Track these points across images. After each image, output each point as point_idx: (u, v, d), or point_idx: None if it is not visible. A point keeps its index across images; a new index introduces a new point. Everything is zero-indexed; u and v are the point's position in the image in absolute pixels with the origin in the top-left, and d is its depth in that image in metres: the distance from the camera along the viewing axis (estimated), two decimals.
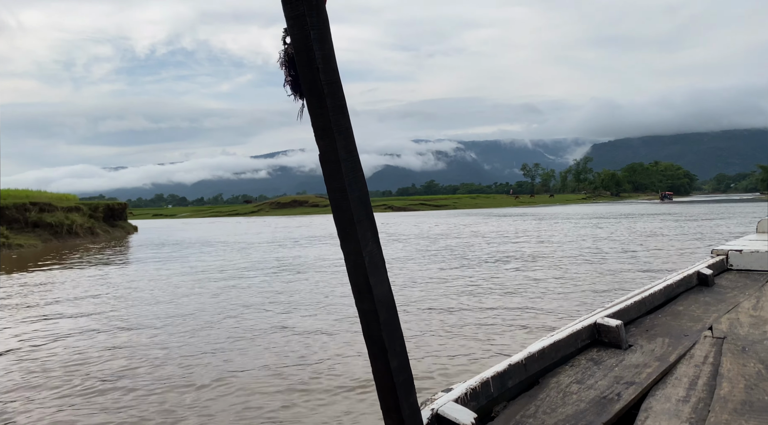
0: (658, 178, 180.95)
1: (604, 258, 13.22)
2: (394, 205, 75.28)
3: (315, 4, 1.02)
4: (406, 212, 62.90)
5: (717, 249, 4.20)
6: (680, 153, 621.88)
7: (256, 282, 11.21)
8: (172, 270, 13.88)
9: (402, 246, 18.92)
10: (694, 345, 2.19)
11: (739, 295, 3.17)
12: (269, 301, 8.93)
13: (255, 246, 21.73)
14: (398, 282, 10.37)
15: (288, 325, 7.14)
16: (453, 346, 5.72)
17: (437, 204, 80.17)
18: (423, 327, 6.64)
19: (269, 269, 13.44)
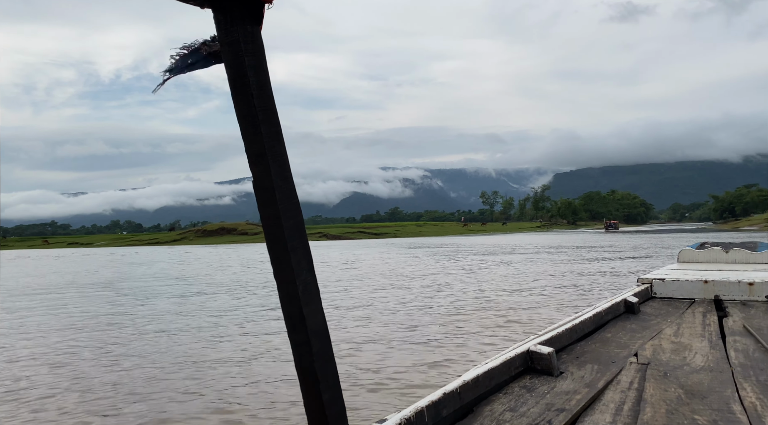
0: (614, 207, 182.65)
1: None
2: (330, 232, 70.46)
3: (250, 31, 1.00)
4: (339, 241, 59.14)
5: (642, 277, 4.33)
6: (638, 183, 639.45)
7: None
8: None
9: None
10: (621, 371, 2.24)
11: (662, 322, 3.28)
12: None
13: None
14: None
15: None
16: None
17: (377, 232, 75.84)
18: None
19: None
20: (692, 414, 1.72)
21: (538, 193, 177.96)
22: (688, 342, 2.77)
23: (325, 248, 39.37)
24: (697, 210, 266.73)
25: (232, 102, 0.97)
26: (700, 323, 3.26)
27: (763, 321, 3.28)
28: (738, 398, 1.87)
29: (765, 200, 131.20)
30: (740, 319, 3.33)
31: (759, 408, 1.76)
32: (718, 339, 2.82)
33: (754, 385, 2.01)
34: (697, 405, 1.82)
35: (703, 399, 1.88)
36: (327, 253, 32.05)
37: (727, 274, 4.41)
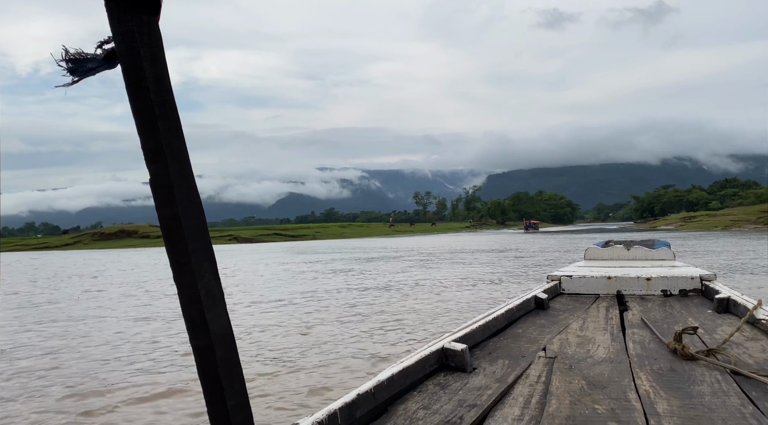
0: (542, 207, 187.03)
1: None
2: (241, 235, 65.11)
3: (146, 21, 0.95)
4: (250, 244, 55.14)
5: (551, 274, 4.50)
6: (566, 184, 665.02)
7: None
8: None
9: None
10: (530, 365, 2.32)
11: (569, 317, 3.40)
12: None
13: None
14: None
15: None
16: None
17: (295, 235, 70.35)
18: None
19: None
20: (593, 404, 1.80)
21: (470, 193, 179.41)
22: (592, 335, 2.89)
23: (222, 254, 35.62)
24: (619, 210, 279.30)
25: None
26: (603, 317, 3.41)
27: (658, 313, 3.48)
28: (634, 387, 1.97)
29: (680, 200, 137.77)
30: (638, 313, 3.50)
31: (652, 395, 1.87)
32: (618, 332, 2.95)
33: (648, 374, 2.14)
34: (597, 395, 1.90)
35: (603, 389, 1.96)
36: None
37: (628, 271, 4.60)
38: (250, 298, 11.25)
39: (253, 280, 15.46)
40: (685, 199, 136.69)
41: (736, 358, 2.23)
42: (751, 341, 2.59)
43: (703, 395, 1.86)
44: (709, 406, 1.74)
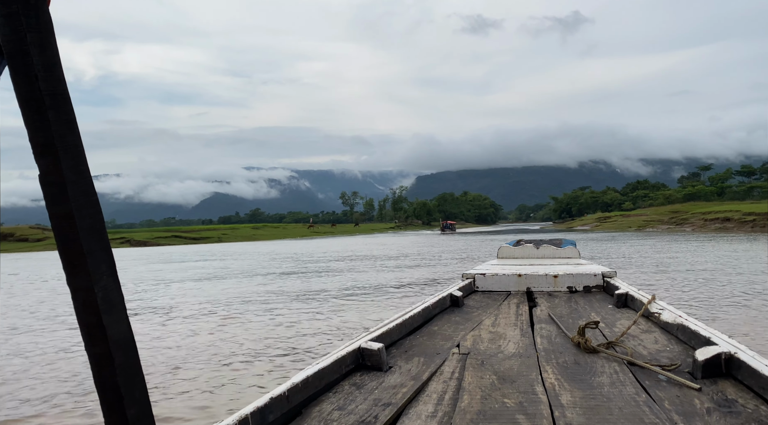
0: (467, 208, 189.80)
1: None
2: (134, 238, 59.06)
3: (33, 4, 0.90)
4: (144, 248, 49.95)
5: (466, 273, 4.56)
6: (490, 185, 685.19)
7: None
8: None
9: None
10: (444, 362, 2.35)
11: (482, 314, 3.49)
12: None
13: None
14: None
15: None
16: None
17: (197, 237, 63.89)
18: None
19: None
20: (503, 398, 1.85)
21: (396, 194, 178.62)
22: (503, 331, 2.97)
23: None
24: (540, 210, 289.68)
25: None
26: (514, 313, 3.51)
27: (564, 309, 3.61)
28: (541, 380, 2.05)
29: (596, 201, 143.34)
30: (546, 308, 3.63)
31: (557, 387, 1.95)
32: (528, 328, 3.05)
33: (554, 367, 2.22)
34: (507, 389, 1.96)
35: (512, 383, 2.03)
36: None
37: (537, 268, 4.75)
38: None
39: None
40: (601, 200, 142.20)
41: (632, 350, 2.38)
42: (645, 333, 2.77)
43: (602, 385, 1.95)
44: (607, 396, 1.83)
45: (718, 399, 1.74)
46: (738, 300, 8.49)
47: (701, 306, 8.03)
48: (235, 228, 79.51)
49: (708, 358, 1.96)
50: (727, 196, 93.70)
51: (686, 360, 2.21)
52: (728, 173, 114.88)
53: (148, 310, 9.73)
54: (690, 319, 2.62)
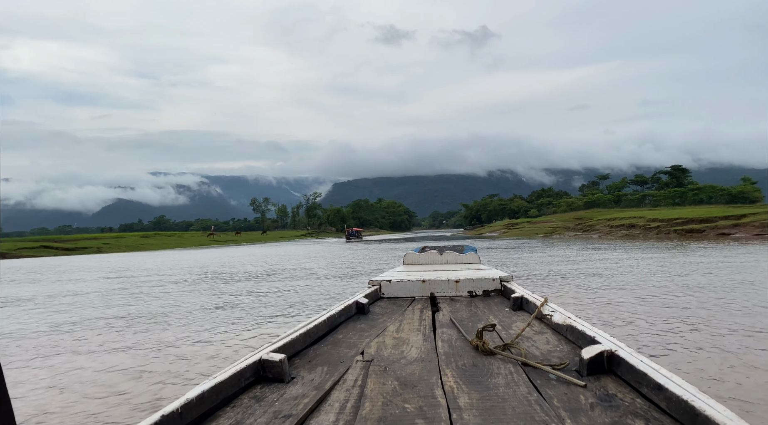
0: (381, 214, 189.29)
1: None
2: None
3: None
4: (5, 260, 43.25)
5: (372, 280, 4.57)
6: (405, 193, 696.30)
7: None
8: None
9: None
10: (348, 370, 2.34)
11: (387, 320, 3.48)
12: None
13: None
14: None
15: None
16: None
17: (72, 247, 56.02)
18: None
19: None
20: (403, 404, 1.87)
21: (310, 200, 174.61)
22: (406, 336, 2.98)
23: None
24: (452, 217, 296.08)
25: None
26: (417, 319, 3.53)
27: (465, 313, 3.69)
28: (441, 384, 2.08)
29: (504, 208, 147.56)
30: (448, 313, 3.68)
31: (455, 390, 2.00)
32: (430, 333, 3.07)
33: (453, 371, 2.26)
34: (408, 394, 1.98)
35: (413, 388, 2.05)
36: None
37: (440, 274, 4.86)
38: None
39: None
40: (508, 207, 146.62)
41: (526, 351, 2.50)
42: (538, 334, 2.87)
43: (498, 386, 2.02)
44: (502, 396, 1.90)
45: (601, 395, 1.85)
46: (629, 303, 8.91)
47: (600, 310, 8.33)
48: (121, 236, 70.13)
49: (592, 356, 2.06)
50: (623, 204, 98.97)
51: (574, 359, 2.31)
52: (624, 182, 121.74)
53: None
54: (578, 320, 2.74)
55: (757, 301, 8.66)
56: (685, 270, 14.11)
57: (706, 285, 10.83)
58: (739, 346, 5.65)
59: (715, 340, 5.94)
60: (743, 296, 9.29)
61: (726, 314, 7.55)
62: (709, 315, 7.53)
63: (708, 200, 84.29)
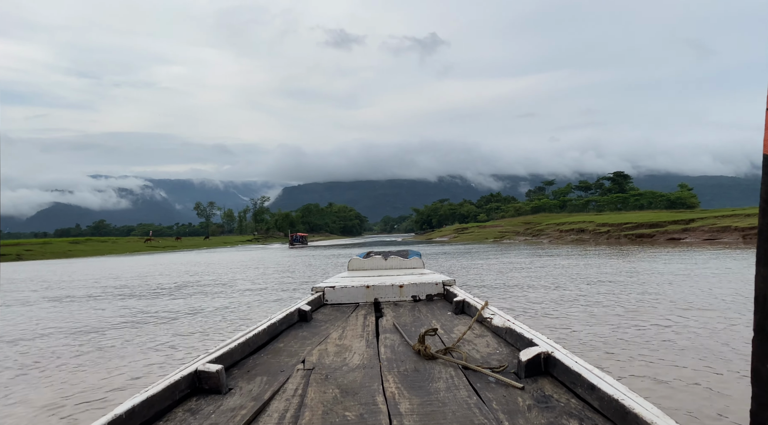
0: (332, 219, 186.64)
1: None
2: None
3: None
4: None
5: (316, 286, 4.53)
6: (357, 197, 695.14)
7: None
8: None
9: None
10: (288, 379, 2.29)
11: (330, 327, 3.42)
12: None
13: None
14: None
15: None
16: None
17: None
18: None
19: None
20: (344, 411, 1.86)
21: (258, 204, 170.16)
22: (349, 343, 2.95)
23: None
24: (403, 222, 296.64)
25: None
26: (361, 325, 3.50)
27: (408, 318, 3.67)
28: (382, 390, 2.07)
29: (454, 213, 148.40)
30: (392, 318, 3.66)
31: (397, 396, 1.99)
32: (373, 338, 3.05)
33: (395, 376, 2.25)
34: (349, 402, 1.96)
35: (355, 395, 2.03)
36: None
37: (384, 279, 4.83)
38: None
39: None
40: (458, 212, 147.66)
41: (466, 354, 2.51)
42: (479, 337, 2.90)
43: (439, 391, 2.03)
44: (443, 401, 1.91)
45: (538, 396, 1.89)
46: (568, 307, 9.06)
47: (543, 314, 8.41)
48: (47, 242, 64.36)
49: (530, 359, 2.11)
50: (568, 209, 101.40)
51: (513, 361, 2.34)
52: (568, 188, 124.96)
53: None
54: (516, 323, 2.76)
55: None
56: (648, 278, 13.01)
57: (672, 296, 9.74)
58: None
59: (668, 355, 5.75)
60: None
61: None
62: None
63: (648, 205, 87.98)
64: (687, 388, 4.61)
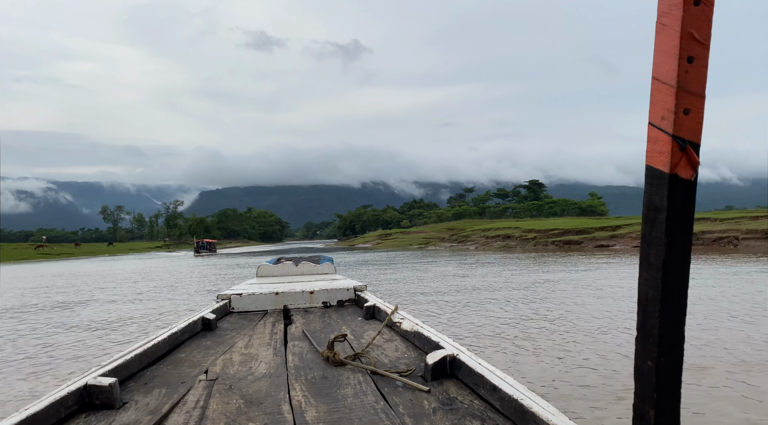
0: (251, 225, 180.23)
1: None
2: None
3: None
4: None
5: (221, 294, 4.34)
6: (279, 203, 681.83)
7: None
8: None
9: None
10: (189, 391, 2.20)
11: (236, 336, 3.33)
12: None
13: None
14: None
15: None
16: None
17: None
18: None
19: None
20: (248, 422, 1.82)
21: (171, 209, 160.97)
22: (256, 352, 2.87)
23: None
24: (326, 228, 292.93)
25: None
26: (269, 332, 3.41)
27: (318, 324, 3.62)
28: (288, 398, 2.03)
29: (377, 219, 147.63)
30: (301, 325, 3.60)
31: (303, 404, 1.96)
32: (281, 346, 2.98)
33: (302, 384, 2.22)
34: (253, 412, 1.92)
35: (259, 405, 1.98)
36: None
37: (295, 285, 4.72)
38: None
39: None
40: (381, 218, 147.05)
41: (375, 359, 2.50)
42: (388, 342, 2.90)
43: (346, 397, 2.02)
44: (350, 407, 1.90)
45: (443, 399, 1.92)
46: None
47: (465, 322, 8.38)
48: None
49: (436, 362, 2.14)
50: (487, 215, 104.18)
51: (420, 364, 2.36)
52: (487, 195, 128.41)
53: None
54: (424, 327, 2.77)
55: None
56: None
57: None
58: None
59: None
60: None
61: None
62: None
63: (561, 212, 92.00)
64: (583, 387, 4.85)
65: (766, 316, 8.11)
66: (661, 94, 1.13)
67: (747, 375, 5.11)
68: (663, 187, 1.14)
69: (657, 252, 1.17)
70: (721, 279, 13.83)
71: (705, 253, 25.72)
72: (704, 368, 5.38)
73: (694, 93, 1.10)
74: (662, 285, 1.17)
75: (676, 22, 1.07)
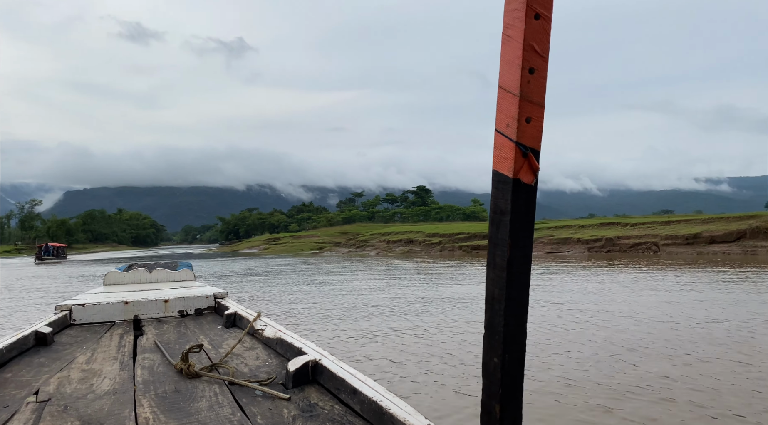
0: (121, 227, 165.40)
1: None
2: None
3: None
4: None
5: (60, 304, 3.98)
6: (154, 205, 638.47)
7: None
8: None
9: None
10: (14, 416, 1.99)
11: (77, 351, 3.08)
12: None
13: None
14: None
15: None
16: None
17: None
18: None
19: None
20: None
21: (26, 209, 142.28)
22: (99, 367, 2.69)
23: None
24: (207, 232, 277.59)
25: None
26: (116, 345, 3.21)
27: (173, 335, 3.43)
28: (134, 416, 1.92)
29: (264, 222, 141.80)
30: (153, 336, 3.40)
31: (152, 421, 1.84)
32: (129, 360, 2.82)
33: (151, 399, 2.10)
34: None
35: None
36: None
37: (147, 294, 4.45)
38: None
39: None
40: (268, 222, 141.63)
41: (234, 369, 2.42)
42: (249, 350, 2.82)
43: (200, 411, 1.92)
44: (203, 421, 1.82)
45: (303, 406, 1.89)
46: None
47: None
48: None
49: (297, 368, 2.11)
50: (377, 220, 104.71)
51: (281, 372, 2.31)
52: (377, 200, 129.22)
53: None
54: (287, 333, 2.74)
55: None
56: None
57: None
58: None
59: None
60: None
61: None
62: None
63: (447, 218, 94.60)
64: (439, 388, 5.02)
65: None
66: (506, 103, 1.19)
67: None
68: (507, 191, 1.19)
69: (502, 252, 1.22)
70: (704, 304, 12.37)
71: (625, 259, 25.10)
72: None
73: (535, 102, 1.16)
74: (506, 283, 1.21)
75: (519, 34, 1.12)
